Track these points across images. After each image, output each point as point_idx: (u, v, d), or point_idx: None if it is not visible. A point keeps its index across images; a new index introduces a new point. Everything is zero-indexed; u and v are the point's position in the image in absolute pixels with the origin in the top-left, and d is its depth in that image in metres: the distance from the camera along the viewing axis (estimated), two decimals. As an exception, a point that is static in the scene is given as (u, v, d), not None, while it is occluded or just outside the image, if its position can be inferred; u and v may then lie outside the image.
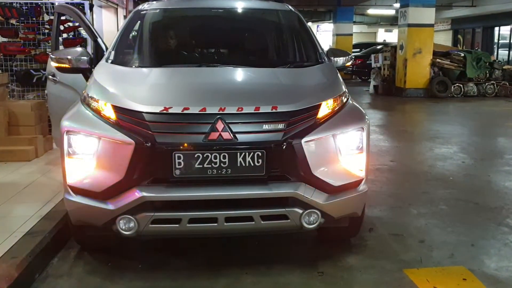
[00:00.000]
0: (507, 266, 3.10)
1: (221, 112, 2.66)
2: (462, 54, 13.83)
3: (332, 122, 2.88)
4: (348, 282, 2.92)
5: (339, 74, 3.45)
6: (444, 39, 25.47)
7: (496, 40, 23.33)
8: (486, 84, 13.69)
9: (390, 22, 28.63)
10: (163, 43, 3.91)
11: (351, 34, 22.72)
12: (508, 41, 22.44)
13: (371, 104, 12.62)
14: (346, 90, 3.26)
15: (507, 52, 22.02)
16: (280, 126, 2.70)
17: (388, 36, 31.95)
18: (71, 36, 5.99)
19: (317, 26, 31.82)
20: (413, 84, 13.56)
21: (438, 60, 13.62)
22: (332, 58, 3.77)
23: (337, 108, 2.98)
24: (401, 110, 11.61)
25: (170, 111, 2.65)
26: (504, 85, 13.77)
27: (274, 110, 2.73)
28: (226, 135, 2.61)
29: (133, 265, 3.05)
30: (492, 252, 3.33)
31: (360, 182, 2.98)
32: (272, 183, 2.72)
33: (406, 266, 3.08)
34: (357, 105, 3.27)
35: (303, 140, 2.71)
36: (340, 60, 3.81)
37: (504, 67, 14.18)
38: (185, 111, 2.66)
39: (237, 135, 2.63)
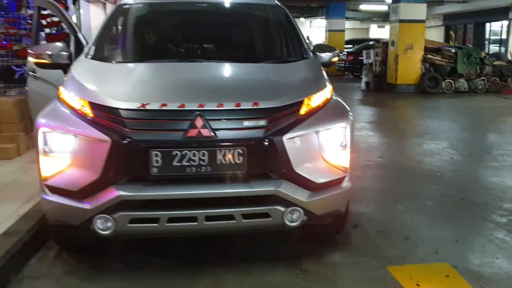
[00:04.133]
0: (491, 262, 3.08)
1: (200, 108, 2.61)
2: (453, 50, 13.86)
3: (315, 118, 2.84)
4: (331, 280, 2.88)
5: (323, 70, 3.41)
6: (436, 35, 25.51)
7: (487, 36, 23.38)
8: (477, 80, 13.71)
9: (383, 18, 28.61)
10: (144, 38, 3.85)
11: (344, 30, 22.71)
12: (499, 37, 22.50)
13: (362, 100, 12.61)
14: (330, 86, 3.22)
15: (498, 48, 22.06)
16: (262, 122, 2.66)
17: (380, 32, 31.96)
18: (54, 31, 5.89)
19: (310, 22, 31.80)
20: (404, 80, 13.56)
21: (429, 56, 13.63)
22: (318, 53, 3.73)
23: (320, 104, 2.94)
24: (392, 106, 11.60)
25: (147, 107, 2.60)
26: (495, 81, 13.80)
27: (255, 107, 2.69)
28: (206, 132, 2.56)
29: (114, 265, 3.00)
30: (476, 248, 3.31)
31: (344, 179, 2.95)
32: (253, 181, 2.68)
33: (390, 263, 3.05)
34: (341, 101, 3.24)
35: (285, 137, 2.66)
36: (326, 56, 3.77)
37: (494, 63, 14.20)
38: (163, 108, 2.60)
39: (217, 132, 2.58)
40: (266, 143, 2.62)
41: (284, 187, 2.69)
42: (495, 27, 22.79)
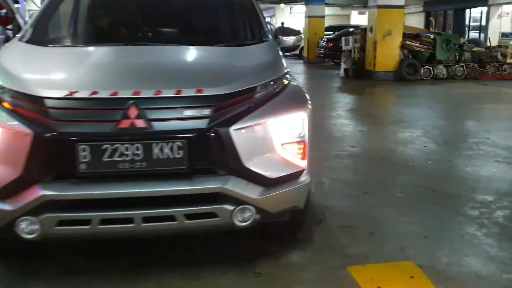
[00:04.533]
0: (459, 261, 2.87)
1: (135, 96, 2.32)
2: (432, 36, 13.69)
3: (268, 107, 2.57)
4: (286, 282, 2.64)
5: (281, 54, 3.15)
6: (416, 21, 25.39)
7: (467, 23, 23.33)
8: (456, 66, 13.58)
9: (363, 4, 28.28)
10: (88, 20, 3.55)
11: (324, 16, 22.34)
12: (479, 23, 22.46)
13: (340, 88, 12.39)
14: (289, 71, 2.97)
15: (477, 34, 22.03)
16: (206, 112, 2.39)
17: (361, 18, 31.73)
18: (3, 14, 5.50)
19: (290, 8, 31.46)
20: (383, 67, 13.36)
21: (408, 42, 13.44)
22: (281, 37, 3.47)
23: (275, 91, 2.68)
24: (369, 94, 11.40)
25: (75, 95, 2.31)
26: (474, 67, 13.69)
27: (199, 94, 2.41)
28: (140, 123, 2.28)
29: (47, 270, 2.71)
30: (445, 245, 3.10)
31: (301, 173, 2.70)
32: (196, 178, 2.41)
33: (352, 263, 2.83)
34: (300, 88, 2.99)
35: (232, 128, 2.39)
36: (290, 40, 3.51)
37: (473, 49, 14.08)
38: (94, 96, 2.31)
39: (153, 123, 2.30)
40: (210, 135, 2.35)
41: (232, 183, 2.43)
42: (475, 14, 22.75)
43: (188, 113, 2.37)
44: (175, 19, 3.59)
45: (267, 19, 25.75)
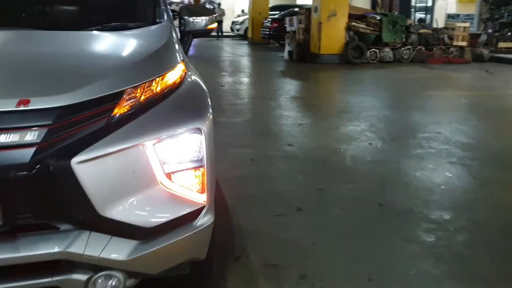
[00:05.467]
0: (413, 324, 2.17)
1: None
2: (378, 17, 13.14)
3: (142, 121, 1.73)
4: None
5: (175, 40, 2.29)
6: (363, 2, 24.93)
7: (413, 3, 23.13)
8: (402, 49, 13.13)
9: (310, -17, 27.63)
10: None
11: (268, -5, 21.52)
12: (425, 4, 22.29)
13: (283, 72, 11.62)
14: (185, 64, 2.14)
15: (424, 15, 21.85)
16: (31, 136, 1.52)
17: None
18: None
19: (235, -14, 30.21)
20: (328, 49, 12.70)
21: (353, 23, 12.82)
22: (187, 18, 2.62)
23: (156, 96, 1.83)
24: (313, 79, 10.71)
25: None
26: (420, 50, 13.28)
27: (22, 107, 1.53)
28: None
29: None
30: (394, 293, 2.40)
31: (199, 212, 1.89)
32: (23, 238, 1.56)
33: (272, 330, 2.07)
34: (199, 89, 2.17)
35: (75, 160, 1.54)
36: (201, 21, 2.66)
37: (420, 31, 13.67)
38: None
39: None
40: (37, 173, 1.49)
41: (80, 243, 1.60)
42: (421, -6, 22.58)
43: (2, 138, 1.49)
44: None
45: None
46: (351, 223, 3.17)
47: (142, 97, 1.76)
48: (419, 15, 22.28)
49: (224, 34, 24.16)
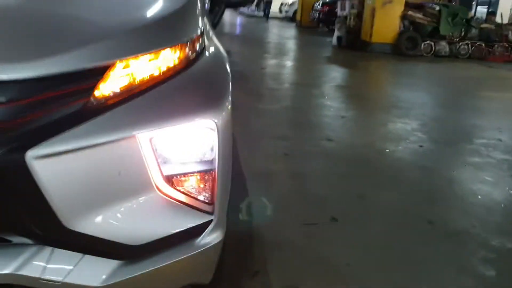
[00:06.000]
0: None
1: None
2: (437, 8, 12.25)
3: (137, 107, 1.31)
4: None
5: (198, 6, 1.82)
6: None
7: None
8: (460, 43, 12.23)
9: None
10: None
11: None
12: (488, -3, 20.94)
13: (329, 59, 11.02)
14: (206, 37, 1.70)
15: (486, 9, 20.50)
16: None
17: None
18: None
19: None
20: (380, 38, 11.97)
21: (409, 12, 12.00)
22: None
23: (161, 74, 1.40)
24: (361, 68, 10.06)
25: None
26: (480, 46, 12.34)
27: None
28: None
29: None
30: None
31: (205, 228, 1.46)
32: None
33: None
34: (223, 70, 1.72)
35: (31, 154, 1.14)
36: None
37: (481, 26, 12.69)
38: None
39: None
40: None
41: (36, 264, 1.21)
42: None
43: None
44: None
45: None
46: (394, 243, 2.68)
47: (138, 75, 1.33)
48: (481, 8, 20.91)
49: (272, 16, 23.57)
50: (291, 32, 17.33)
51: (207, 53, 1.66)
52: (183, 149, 1.39)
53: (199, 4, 1.82)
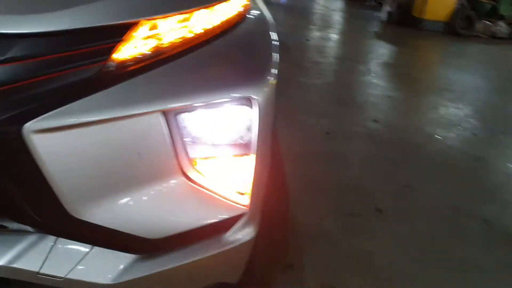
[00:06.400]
0: None
1: None
2: (499, -15, 11.43)
3: (162, 77, 1.08)
4: None
5: None
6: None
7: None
8: (521, 25, 11.42)
9: None
10: None
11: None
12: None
13: (377, 34, 10.49)
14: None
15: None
16: None
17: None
18: None
19: None
20: (433, 15, 11.28)
21: (468, -11, 11.24)
22: None
23: (194, 38, 1.16)
24: (411, 46, 9.51)
25: None
26: (542, 29, 11.49)
27: None
28: None
29: None
30: None
31: (235, 221, 1.25)
32: None
33: None
34: (268, 36, 1.48)
35: (30, 127, 0.93)
36: None
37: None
38: None
39: None
40: None
41: (34, 255, 1.02)
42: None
43: None
44: None
45: None
46: (444, 242, 2.41)
47: (165, 39, 1.10)
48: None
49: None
50: (338, 4, 16.68)
51: (249, 18, 1.42)
52: (215, 129, 1.17)
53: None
